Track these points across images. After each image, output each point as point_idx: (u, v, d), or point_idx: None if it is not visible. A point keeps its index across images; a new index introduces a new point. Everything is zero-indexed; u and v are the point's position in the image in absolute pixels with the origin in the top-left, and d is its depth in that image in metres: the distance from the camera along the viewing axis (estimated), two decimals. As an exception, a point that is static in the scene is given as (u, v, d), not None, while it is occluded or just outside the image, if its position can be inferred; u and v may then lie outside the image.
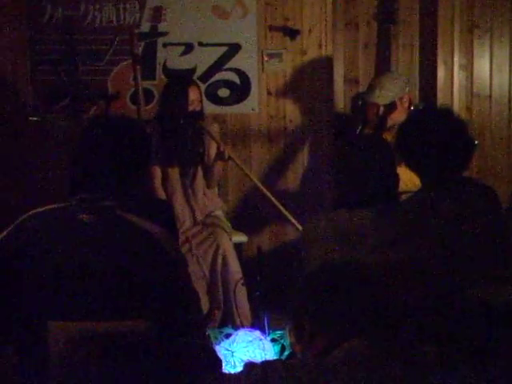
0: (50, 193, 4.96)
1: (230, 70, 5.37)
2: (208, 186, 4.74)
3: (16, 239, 2.30)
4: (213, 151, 4.66)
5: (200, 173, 4.69)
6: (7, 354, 2.31)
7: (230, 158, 4.59)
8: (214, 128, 4.76)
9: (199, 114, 4.59)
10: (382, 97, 4.57)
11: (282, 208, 4.59)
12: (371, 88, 4.68)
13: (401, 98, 4.60)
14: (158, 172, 4.64)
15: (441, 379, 1.82)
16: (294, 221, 4.59)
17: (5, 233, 2.32)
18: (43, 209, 2.37)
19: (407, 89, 4.66)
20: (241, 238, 4.92)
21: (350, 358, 1.80)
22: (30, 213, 2.36)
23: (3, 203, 5.00)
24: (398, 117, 4.45)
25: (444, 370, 1.85)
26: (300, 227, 4.53)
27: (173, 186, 4.65)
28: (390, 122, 4.50)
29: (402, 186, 3.23)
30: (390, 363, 1.80)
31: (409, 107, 4.63)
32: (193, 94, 4.55)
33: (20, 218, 2.35)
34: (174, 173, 4.64)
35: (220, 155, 4.58)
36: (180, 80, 4.89)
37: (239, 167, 4.67)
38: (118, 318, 2.24)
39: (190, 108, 4.52)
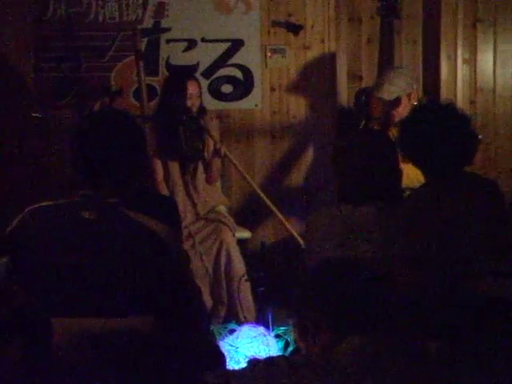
0: (53, 189, 4.97)
1: (233, 65, 5.37)
2: (208, 182, 4.75)
3: (22, 232, 2.31)
4: (211, 146, 4.67)
5: (200, 168, 4.69)
6: (11, 351, 2.32)
7: (225, 155, 4.61)
8: (214, 124, 4.76)
9: (199, 110, 4.59)
10: (389, 92, 4.53)
11: (276, 211, 4.58)
12: (379, 83, 4.64)
13: (409, 95, 4.54)
14: (159, 167, 4.65)
15: (445, 374, 1.82)
16: (286, 224, 4.57)
17: (14, 223, 2.34)
18: (46, 204, 2.37)
19: (415, 86, 4.63)
20: (244, 233, 4.91)
21: (353, 353, 1.80)
22: (32, 208, 2.37)
23: (7, 199, 5.00)
24: (405, 113, 4.41)
25: (448, 365, 1.85)
26: (293, 231, 4.51)
27: (174, 181, 4.65)
28: (396, 119, 4.47)
29: (407, 182, 3.22)
30: (393, 358, 1.79)
31: None
32: (192, 89, 4.55)
33: (26, 210, 2.36)
34: (175, 168, 4.65)
35: (216, 152, 4.60)
36: (179, 74, 4.90)
37: (235, 167, 4.67)
38: (120, 315, 2.24)
39: (189, 102, 4.52)
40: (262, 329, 3.79)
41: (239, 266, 4.46)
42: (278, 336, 3.80)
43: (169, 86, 4.65)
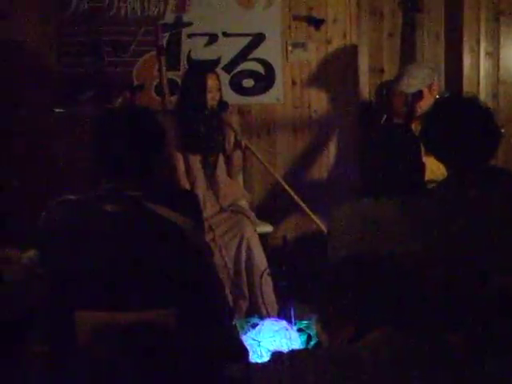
0: (76, 184, 5.00)
1: (255, 60, 5.37)
2: (229, 175, 4.76)
3: (48, 225, 2.34)
4: (232, 140, 4.68)
5: (221, 161, 4.71)
6: (34, 343, 2.34)
7: (246, 147, 4.62)
8: (233, 119, 4.77)
9: (219, 104, 4.60)
10: (409, 85, 4.52)
11: (300, 201, 4.58)
12: (399, 77, 4.64)
13: (430, 86, 4.53)
14: (180, 161, 4.67)
15: (468, 367, 1.81)
16: (311, 214, 4.57)
17: (42, 217, 2.36)
18: (71, 198, 2.39)
19: (435, 77, 4.61)
20: (266, 227, 4.91)
21: (377, 347, 1.80)
22: (61, 199, 2.39)
23: (29, 194, 5.04)
24: (427, 105, 4.39)
25: (472, 358, 1.85)
26: (318, 221, 4.52)
27: (194, 174, 4.67)
28: (419, 111, 4.45)
29: (430, 175, 3.21)
30: (418, 352, 1.79)
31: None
32: (211, 82, 4.57)
33: (52, 203, 2.38)
34: (195, 161, 4.67)
35: (238, 144, 4.62)
36: (198, 69, 4.91)
37: (257, 158, 4.68)
38: (143, 308, 2.25)
39: (209, 96, 4.54)
40: (284, 323, 3.80)
41: (261, 260, 4.46)
42: (300, 330, 3.81)
43: (188, 81, 4.67)
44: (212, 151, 4.68)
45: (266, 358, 2.04)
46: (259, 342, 3.64)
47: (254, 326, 3.83)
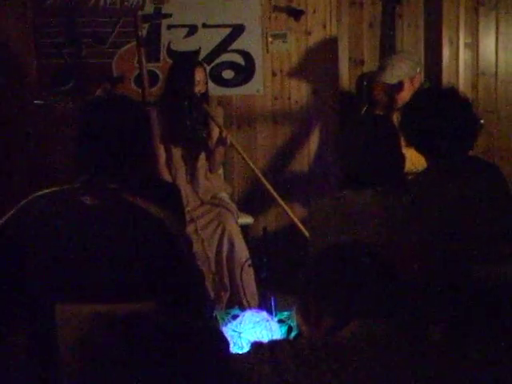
0: (55, 176, 4.97)
1: (235, 51, 5.36)
2: (210, 170, 4.74)
3: (18, 222, 2.30)
4: (216, 135, 4.65)
5: (202, 156, 4.69)
6: (15, 339, 2.32)
7: (231, 144, 4.59)
8: (218, 112, 4.75)
9: (204, 97, 4.58)
10: (392, 76, 4.52)
11: (279, 199, 4.57)
12: (382, 68, 4.63)
13: (411, 79, 4.53)
14: (162, 152, 4.65)
15: (448, 358, 1.82)
16: (289, 212, 4.57)
17: (7, 216, 2.33)
18: (47, 191, 2.37)
19: (418, 69, 4.61)
20: (247, 219, 4.92)
21: (357, 337, 1.81)
22: (33, 196, 2.37)
23: (8, 187, 5.01)
24: (408, 97, 4.39)
25: (451, 349, 1.86)
26: (295, 219, 4.51)
27: (175, 167, 4.65)
28: (399, 103, 4.45)
29: (410, 166, 3.23)
30: (397, 343, 1.80)
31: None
32: (198, 75, 4.55)
33: (22, 201, 2.35)
34: (177, 154, 4.65)
35: (221, 140, 4.58)
36: (186, 60, 4.89)
37: (240, 155, 4.66)
38: (123, 301, 2.24)
39: (196, 89, 4.52)
40: (265, 314, 3.79)
41: (242, 251, 4.47)
42: (281, 321, 3.81)
43: (175, 72, 4.63)
44: (195, 145, 4.66)
45: (246, 349, 2.04)
46: (240, 333, 3.64)
47: (235, 317, 3.82)
